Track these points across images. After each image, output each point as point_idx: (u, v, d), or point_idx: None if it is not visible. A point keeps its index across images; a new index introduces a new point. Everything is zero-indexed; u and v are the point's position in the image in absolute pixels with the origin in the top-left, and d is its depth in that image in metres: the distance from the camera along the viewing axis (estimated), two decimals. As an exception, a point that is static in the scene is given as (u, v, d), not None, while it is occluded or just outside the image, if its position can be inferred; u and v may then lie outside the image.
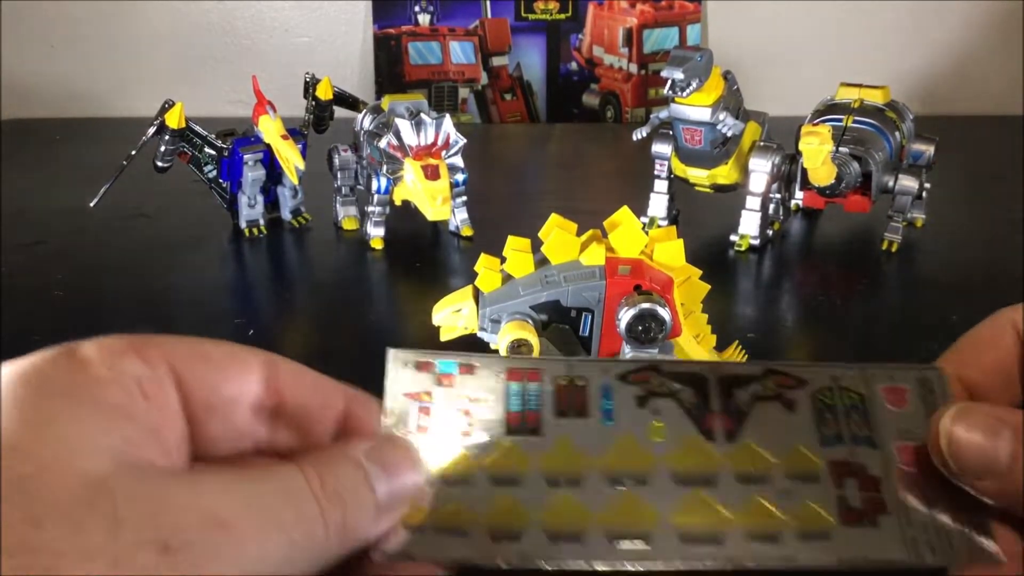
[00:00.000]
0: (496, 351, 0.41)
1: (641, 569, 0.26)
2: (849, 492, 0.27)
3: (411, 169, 0.62)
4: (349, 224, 0.71)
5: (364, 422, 0.27)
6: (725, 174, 0.65)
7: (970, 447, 0.25)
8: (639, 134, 0.66)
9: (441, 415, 0.28)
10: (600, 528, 0.26)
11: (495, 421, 0.28)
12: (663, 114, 0.64)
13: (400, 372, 0.28)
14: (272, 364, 0.27)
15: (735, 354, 0.46)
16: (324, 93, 0.71)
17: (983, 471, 0.25)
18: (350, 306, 0.58)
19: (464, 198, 0.68)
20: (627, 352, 0.39)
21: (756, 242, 0.65)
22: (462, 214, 0.68)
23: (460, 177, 0.66)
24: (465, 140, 0.65)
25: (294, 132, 0.67)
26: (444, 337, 0.43)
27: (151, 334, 0.25)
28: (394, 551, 0.25)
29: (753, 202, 0.65)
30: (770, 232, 0.67)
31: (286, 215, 0.72)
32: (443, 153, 0.64)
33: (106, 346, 0.24)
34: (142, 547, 0.19)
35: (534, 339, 0.40)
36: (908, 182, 0.64)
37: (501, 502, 0.27)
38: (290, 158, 0.65)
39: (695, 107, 0.61)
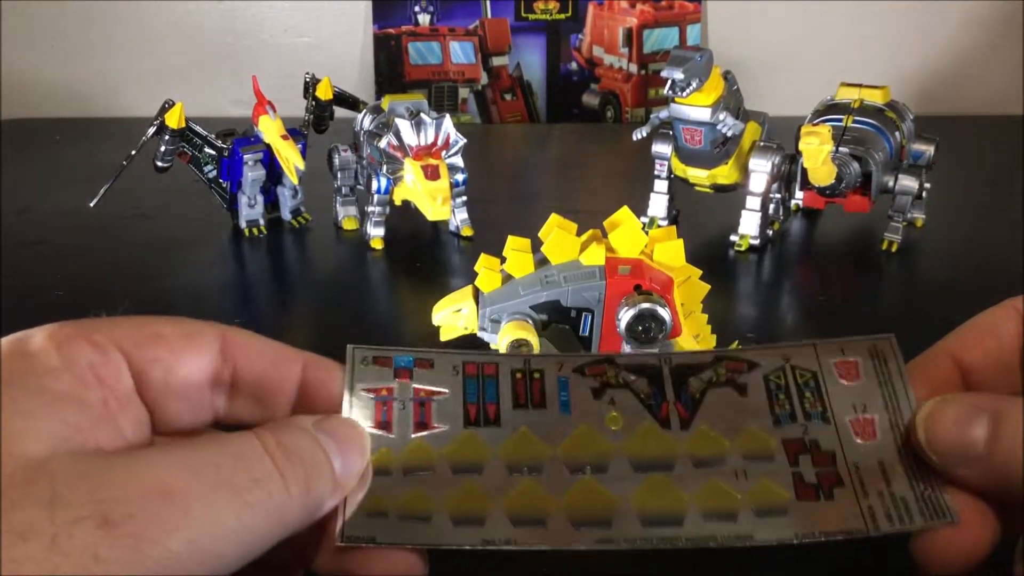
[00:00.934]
0: (491, 347, 0.41)
1: (603, 549, 0.26)
2: (804, 468, 0.27)
3: (411, 169, 0.62)
4: (349, 224, 0.71)
5: (324, 385, 0.28)
6: (725, 174, 0.65)
7: (946, 438, 0.26)
8: (639, 134, 0.66)
9: (400, 409, 0.28)
10: (562, 512, 0.26)
11: (454, 413, 0.28)
12: (663, 114, 0.64)
13: (359, 368, 0.28)
14: (226, 336, 0.27)
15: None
16: (324, 93, 0.71)
17: (962, 461, 0.25)
18: (350, 306, 0.58)
19: (464, 198, 0.68)
20: (627, 351, 0.39)
21: (756, 242, 0.65)
22: (462, 214, 0.68)
23: (460, 177, 0.66)
24: (465, 140, 0.65)
25: (294, 132, 0.67)
26: (444, 337, 0.43)
27: (103, 317, 0.25)
28: (356, 536, 0.25)
29: (753, 202, 0.65)
30: (770, 232, 0.67)
31: (286, 215, 0.72)
32: (443, 153, 0.64)
33: (56, 334, 0.24)
34: (80, 523, 0.19)
35: (534, 339, 0.40)
36: (908, 182, 0.64)
37: (463, 489, 0.27)
38: (290, 158, 0.65)
39: (695, 107, 0.61)
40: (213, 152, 0.67)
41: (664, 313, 0.38)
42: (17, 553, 0.18)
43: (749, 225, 0.65)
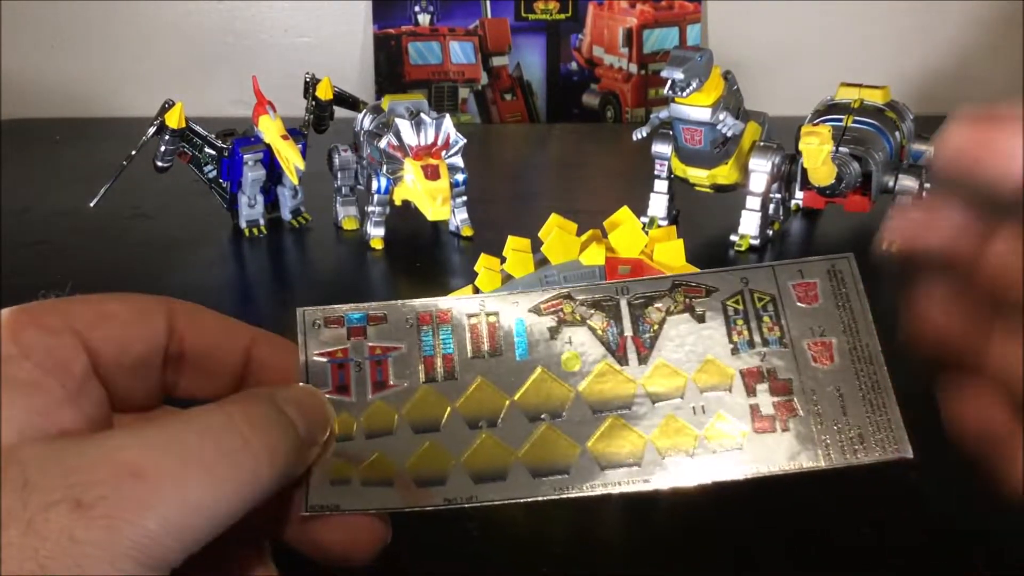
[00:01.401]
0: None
1: (562, 497, 0.26)
2: (761, 398, 0.27)
3: (411, 169, 0.62)
4: (349, 224, 0.71)
5: (270, 359, 0.28)
6: (725, 174, 0.65)
7: (940, 156, 0.24)
8: (639, 134, 0.66)
9: (357, 370, 0.28)
10: (521, 465, 0.27)
11: (411, 369, 0.28)
12: (663, 114, 0.64)
13: (311, 332, 0.28)
14: (173, 310, 0.27)
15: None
16: (324, 93, 0.71)
17: (954, 172, 0.24)
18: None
19: (464, 198, 0.68)
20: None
21: (756, 242, 0.65)
22: (462, 214, 0.68)
23: (460, 177, 0.66)
24: (465, 140, 0.65)
25: (294, 132, 0.67)
26: (444, 337, 0.43)
27: (54, 300, 0.25)
28: (320, 505, 0.26)
29: (753, 202, 0.65)
30: (770, 232, 0.67)
31: (286, 215, 0.72)
32: (443, 153, 0.64)
33: (9, 321, 0.23)
34: (53, 507, 0.19)
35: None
36: (908, 182, 0.64)
37: (423, 449, 0.27)
38: (290, 158, 0.65)
39: (695, 107, 0.61)
40: (213, 152, 0.67)
41: (664, 313, 0.38)
42: None
43: (749, 225, 0.65)
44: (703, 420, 0.27)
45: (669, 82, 0.60)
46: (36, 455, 0.20)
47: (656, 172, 0.68)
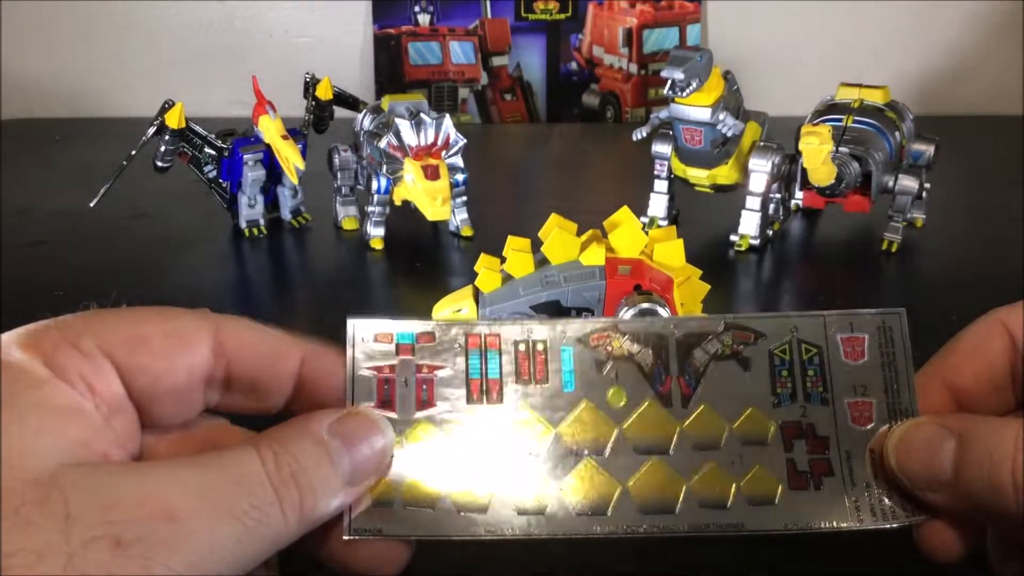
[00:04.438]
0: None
1: (601, 538, 0.26)
2: (798, 454, 0.27)
3: (411, 169, 0.62)
4: (349, 224, 0.71)
5: (325, 377, 0.27)
6: (725, 174, 0.65)
7: (916, 463, 0.26)
8: (639, 134, 0.66)
9: (403, 387, 0.28)
10: (562, 499, 0.27)
11: (457, 390, 0.28)
12: (663, 114, 0.64)
13: (359, 344, 0.28)
14: (219, 330, 0.26)
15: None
16: (324, 93, 0.71)
17: (931, 486, 0.25)
18: (350, 306, 0.58)
19: (464, 198, 0.68)
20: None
21: (756, 242, 0.65)
22: (462, 214, 0.68)
23: (460, 177, 0.66)
24: (465, 140, 0.65)
25: (294, 132, 0.67)
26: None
27: (86, 316, 0.25)
28: (363, 528, 0.26)
29: (753, 202, 0.65)
30: (770, 232, 0.67)
31: (286, 215, 0.72)
32: (443, 153, 0.64)
33: (41, 343, 0.23)
34: (95, 543, 0.19)
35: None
36: (908, 182, 0.64)
37: (466, 474, 0.27)
38: (290, 158, 0.65)
39: (695, 107, 0.61)
40: (213, 152, 0.67)
41: (664, 313, 0.38)
42: (35, 572, 0.19)
43: (749, 225, 0.65)
44: (741, 470, 0.27)
45: (669, 82, 0.60)
46: (76, 484, 0.20)
47: (656, 172, 0.68)
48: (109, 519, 0.20)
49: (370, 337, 0.28)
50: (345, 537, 0.26)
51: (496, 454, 0.27)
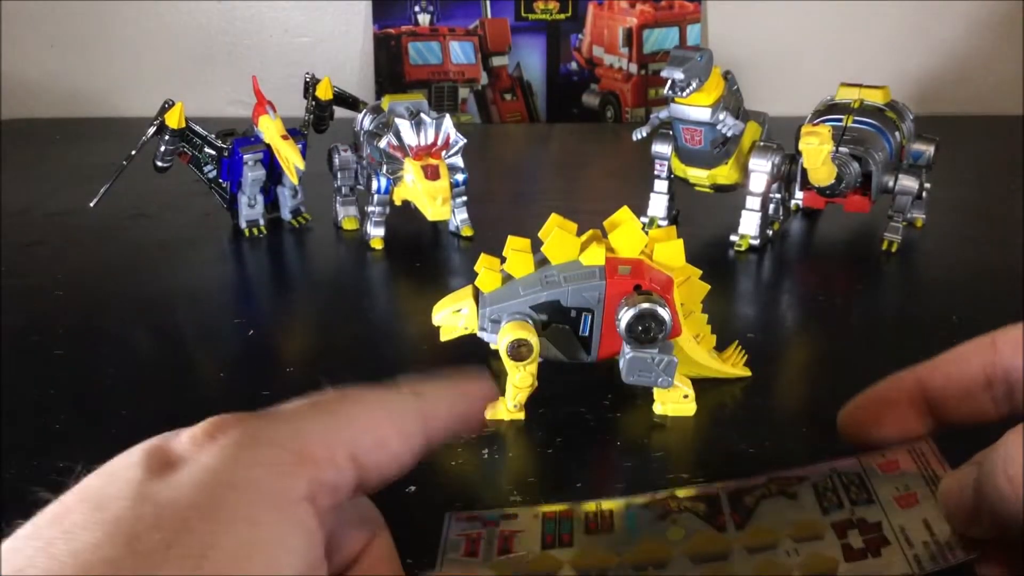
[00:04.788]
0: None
1: None
2: (852, 539, 0.29)
3: (411, 169, 0.62)
4: (349, 224, 0.71)
5: (376, 561, 0.26)
6: (725, 174, 0.65)
7: (952, 506, 0.27)
8: (639, 134, 0.66)
9: (486, 541, 0.31)
10: None
11: (533, 543, 0.31)
12: (663, 114, 0.64)
13: (452, 539, 0.31)
14: (426, 420, 0.25)
15: (735, 354, 0.46)
16: (324, 93, 0.71)
17: (967, 522, 0.26)
18: (350, 306, 0.58)
19: (464, 198, 0.68)
20: (627, 353, 0.39)
21: (756, 242, 0.65)
22: (462, 214, 0.68)
23: (460, 177, 0.66)
24: (465, 140, 0.65)
25: (294, 132, 0.67)
26: (444, 337, 0.43)
27: (336, 418, 0.23)
28: None
29: (753, 202, 0.65)
30: (770, 232, 0.67)
31: (286, 215, 0.72)
32: (443, 153, 0.64)
33: (314, 455, 0.22)
34: None
35: (534, 339, 0.40)
36: (908, 182, 0.64)
37: None
38: (290, 158, 0.65)
39: (695, 107, 0.61)
40: (213, 152, 0.67)
41: (664, 313, 0.38)
42: None
43: (749, 225, 0.65)
44: (797, 559, 0.28)
45: (669, 82, 0.60)
46: None
47: (656, 172, 0.68)
48: None
49: (461, 529, 0.31)
50: None
51: None
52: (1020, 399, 0.29)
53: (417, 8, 1.07)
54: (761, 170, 0.64)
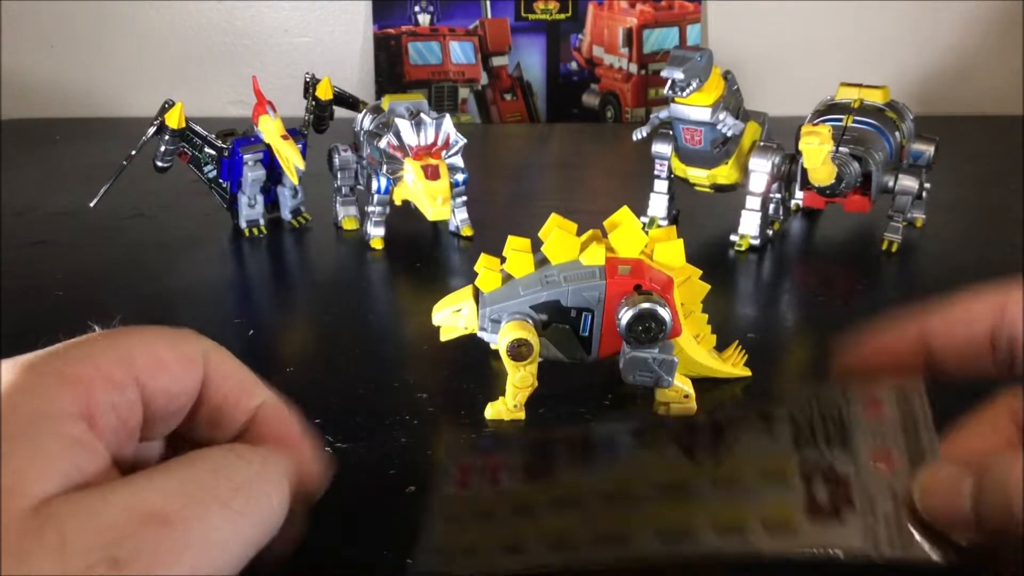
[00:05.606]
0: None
1: (623, 567, 0.27)
2: (818, 491, 0.28)
3: (411, 169, 0.62)
4: (349, 224, 0.71)
5: (272, 426, 0.28)
6: (725, 174, 0.65)
7: (939, 506, 0.26)
8: (639, 134, 0.66)
9: (478, 475, 0.31)
10: (587, 532, 0.28)
11: (521, 474, 0.31)
12: (663, 114, 0.64)
13: (450, 446, 0.33)
14: (207, 356, 0.27)
15: (735, 354, 0.46)
16: (324, 93, 0.71)
17: (953, 526, 0.26)
18: (350, 306, 0.58)
19: (464, 198, 0.68)
20: (627, 352, 0.39)
21: (756, 242, 0.65)
22: (462, 214, 0.68)
23: (460, 177, 0.66)
24: (465, 140, 0.65)
25: (294, 132, 0.67)
26: (444, 337, 0.43)
27: (111, 342, 0.25)
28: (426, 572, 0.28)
29: (753, 202, 0.65)
30: (770, 232, 0.67)
31: (286, 215, 0.72)
32: (443, 153, 0.64)
33: (74, 375, 0.23)
34: (93, 567, 0.19)
35: (534, 339, 0.40)
36: (908, 182, 0.64)
37: (520, 526, 0.29)
38: (290, 158, 0.65)
39: (695, 107, 0.61)
40: (213, 152, 0.67)
41: (664, 313, 0.38)
42: None
43: (749, 225, 0.65)
44: (759, 502, 0.28)
45: (669, 82, 0.60)
46: (71, 511, 0.20)
47: (656, 172, 0.68)
48: (104, 540, 0.20)
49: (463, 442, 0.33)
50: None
51: (539, 508, 0.29)
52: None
53: (417, 8, 1.07)
54: (761, 170, 0.64)
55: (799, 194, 0.68)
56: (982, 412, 0.30)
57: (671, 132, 0.65)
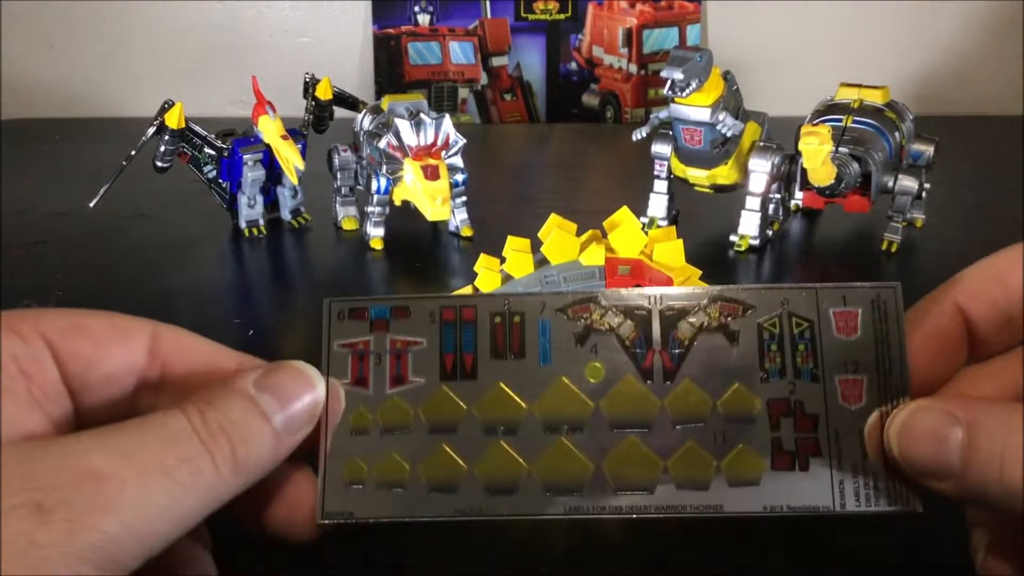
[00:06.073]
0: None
1: (573, 517, 0.26)
2: (785, 433, 0.26)
3: (411, 169, 0.62)
4: (349, 224, 0.71)
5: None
6: (725, 174, 0.65)
7: (921, 452, 0.25)
8: (639, 134, 0.66)
9: (376, 363, 0.28)
10: (534, 478, 0.26)
11: (431, 365, 0.28)
12: (663, 114, 0.64)
13: (336, 322, 0.28)
14: (157, 334, 0.27)
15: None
16: (324, 93, 0.71)
17: (937, 476, 0.24)
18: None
19: (464, 198, 0.68)
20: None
21: (756, 242, 0.65)
22: (462, 214, 0.68)
23: (460, 177, 0.66)
24: (465, 140, 0.65)
25: (294, 132, 0.67)
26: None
27: (27, 309, 0.25)
28: (335, 512, 0.26)
29: (753, 202, 0.65)
30: (770, 232, 0.67)
31: (286, 215, 0.72)
32: (443, 153, 0.64)
33: None
34: (15, 511, 0.19)
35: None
36: (908, 182, 0.64)
37: (438, 453, 0.27)
38: (290, 158, 0.65)
39: (695, 107, 0.61)
40: (213, 152, 0.67)
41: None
42: None
43: (749, 225, 0.65)
44: (723, 449, 0.26)
45: (669, 82, 0.60)
46: (2, 457, 0.20)
47: (656, 172, 0.68)
48: (30, 486, 0.20)
49: (346, 314, 0.28)
50: (319, 521, 0.26)
51: (469, 432, 0.27)
52: None
53: (417, 8, 1.07)
54: (761, 170, 0.64)
55: (799, 194, 0.68)
56: (987, 362, 0.28)
57: (671, 132, 0.65)
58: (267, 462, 0.24)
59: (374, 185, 0.66)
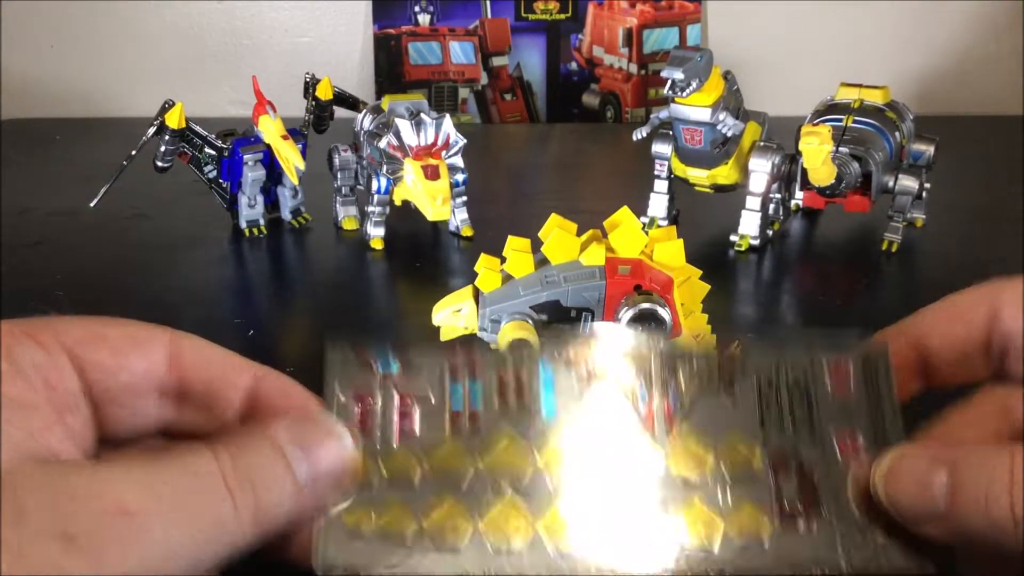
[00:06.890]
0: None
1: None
2: (787, 490, 0.26)
3: (411, 169, 0.62)
4: (349, 224, 0.71)
5: (275, 399, 0.27)
6: (725, 174, 0.65)
7: (907, 497, 0.25)
8: (639, 134, 0.66)
9: (383, 416, 0.27)
10: (543, 538, 0.26)
11: (438, 422, 0.27)
12: (663, 114, 0.64)
13: (341, 368, 0.28)
14: (174, 343, 0.26)
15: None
16: (324, 93, 0.71)
17: (924, 519, 0.25)
18: (350, 306, 0.58)
19: (464, 198, 0.68)
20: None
21: (756, 242, 0.65)
22: (462, 214, 0.68)
23: (460, 177, 0.66)
24: (465, 140, 0.65)
25: (294, 132, 0.67)
26: (444, 338, 0.43)
27: (42, 316, 0.25)
28: (334, 564, 0.25)
29: (753, 202, 0.65)
30: (770, 232, 0.67)
31: (286, 215, 0.72)
32: (443, 153, 0.64)
33: (1, 336, 0.23)
34: (45, 538, 0.19)
35: (534, 339, 0.40)
36: (908, 182, 0.64)
37: (442, 509, 0.26)
38: (290, 158, 0.65)
39: (695, 107, 0.61)
40: (213, 152, 0.67)
41: (664, 313, 0.38)
42: None
43: (749, 225, 0.65)
44: (729, 507, 0.26)
45: (669, 82, 0.60)
46: (30, 480, 0.20)
47: (656, 172, 0.68)
48: (61, 514, 0.20)
49: (352, 363, 0.28)
50: (317, 572, 0.25)
51: (474, 487, 0.27)
52: (1019, 367, 0.27)
53: (417, 8, 1.07)
54: (761, 170, 0.64)
55: (799, 194, 0.68)
56: (965, 406, 0.28)
57: (671, 132, 0.65)
58: (287, 515, 0.24)
59: (374, 185, 0.66)
